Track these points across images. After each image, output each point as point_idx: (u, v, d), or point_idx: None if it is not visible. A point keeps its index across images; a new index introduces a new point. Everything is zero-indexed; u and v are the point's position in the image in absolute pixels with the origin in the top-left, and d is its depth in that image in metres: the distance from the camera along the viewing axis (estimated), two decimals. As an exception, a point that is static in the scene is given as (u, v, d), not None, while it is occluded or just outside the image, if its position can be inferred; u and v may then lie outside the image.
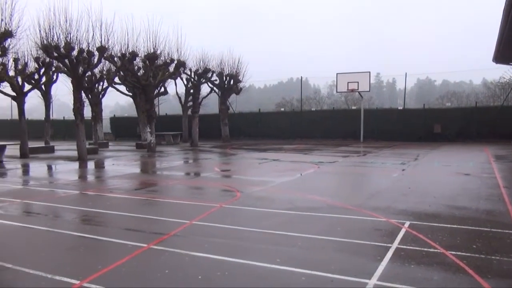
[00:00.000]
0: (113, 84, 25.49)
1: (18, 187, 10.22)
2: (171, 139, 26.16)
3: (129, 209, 7.23)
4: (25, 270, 4.16)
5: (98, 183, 11.01)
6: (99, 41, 15.85)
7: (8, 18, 12.90)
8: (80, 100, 16.37)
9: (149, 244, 4.98)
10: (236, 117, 29.07)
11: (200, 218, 6.28)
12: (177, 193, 9.17)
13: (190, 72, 25.16)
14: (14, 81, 17.63)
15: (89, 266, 4.28)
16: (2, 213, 7.07)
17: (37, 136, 25.24)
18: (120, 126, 33.54)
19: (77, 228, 5.98)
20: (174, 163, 15.17)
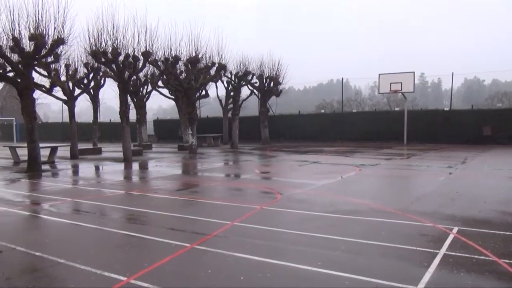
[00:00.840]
0: (157, 88, 26.25)
1: (69, 186, 10.74)
2: (212, 141, 26.56)
3: (172, 209, 7.41)
4: (76, 266, 4.36)
5: (142, 184, 11.36)
6: (144, 46, 16.38)
7: (60, 26, 13.58)
8: (126, 103, 16.97)
9: (192, 244, 5.08)
10: (276, 119, 29.06)
11: (241, 220, 6.33)
12: (218, 194, 9.30)
13: (231, 75, 25.45)
14: (65, 85, 18.57)
15: (135, 264, 4.43)
16: (54, 211, 7.46)
17: (85, 138, 26.45)
18: (163, 128, 34.44)
19: (124, 227, 6.19)
20: (215, 164, 15.39)
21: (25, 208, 7.78)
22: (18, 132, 36.35)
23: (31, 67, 14.14)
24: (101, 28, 15.23)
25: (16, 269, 4.40)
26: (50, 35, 13.35)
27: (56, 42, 13.61)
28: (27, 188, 10.46)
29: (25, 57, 13.50)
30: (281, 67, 26.95)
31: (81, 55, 18.22)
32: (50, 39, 13.40)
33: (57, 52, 15.00)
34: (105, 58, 15.64)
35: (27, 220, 7.01)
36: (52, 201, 8.31)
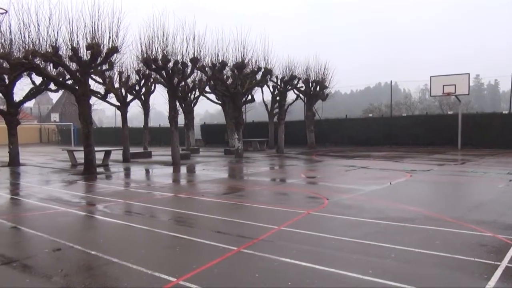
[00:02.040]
0: (204, 93, 26.81)
1: (121, 188, 11.18)
2: (257, 145, 26.69)
3: (219, 212, 7.49)
4: (128, 265, 4.52)
5: (190, 187, 11.60)
6: (192, 52, 16.79)
7: (114, 36, 14.25)
8: (174, 108, 17.47)
9: (239, 247, 5.10)
10: (322, 124, 28.71)
11: (288, 224, 6.29)
12: (264, 198, 9.30)
13: (277, 80, 25.49)
14: (118, 92, 19.43)
15: (184, 265, 4.51)
16: (108, 212, 7.79)
17: (136, 142, 27.43)
18: (210, 132, 35.06)
19: (173, 229, 6.34)
20: (260, 169, 15.43)
21: (81, 209, 8.18)
22: (76, 136, 38.43)
23: (87, 75, 14.93)
24: (152, 36, 15.82)
25: (73, 266, 4.62)
26: (105, 44, 14.04)
27: (110, 51, 14.28)
28: (83, 190, 11.01)
29: (82, 66, 14.29)
30: (327, 70, 26.64)
31: (133, 62, 19.00)
32: (105, 48, 14.08)
33: (111, 60, 15.75)
34: (156, 65, 16.19)
35: (84, 220, 7.37)
36: (106, 203, 8.69)
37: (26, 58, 13.66)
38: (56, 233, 6.07)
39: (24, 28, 13.53)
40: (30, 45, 13.43)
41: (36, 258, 4.97)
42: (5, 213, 7.90)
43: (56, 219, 7.34)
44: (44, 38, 13.40)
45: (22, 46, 13.94)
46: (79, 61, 14.15)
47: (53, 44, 13.47)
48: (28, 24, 13.44)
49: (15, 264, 4.69)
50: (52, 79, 16.33)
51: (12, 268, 4.58)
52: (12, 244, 5.74)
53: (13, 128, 18.54)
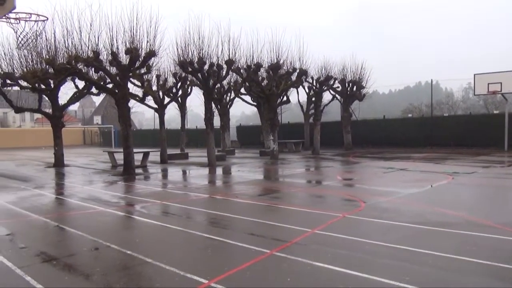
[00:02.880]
0: (240, 95, 26.95)
1: (158, 189, 11.41)
2: (293, 146, 26.52)
3: (253, 214, 7.47)
4: (161, 266, 4.58)
5: (225, 188, 11.67)
6: (227, 54, 16.91)
7: (152, 40, 14.61)
8: (210, 110, 17.66)
9: (271, 250, 5.05)
10: (359, 124, 28.15)
11: (322, 227, 6.17)
12: (299, 200, 9.20)
13: (312, 80, 25.24)
14: (156, 95, 19.89)
15: (216, 267, 4.52)
16: (145, 212, 7.96)
17: (174, 144, 27.96)
18: (245, 134, 35.22)
19: (206, 230, 6.38)
20: (296, 170, 15.31)
21: (119, 209, 8.41)
22: (116, 138, 39.72)
23: (127, 79, 15.38)
24: (188, 40, 16.07)
25: (109, 265, 4.74)
26: (143, 48, 14.41)
27: (148, 55, 14.64)
28: (122, 190, 11.33)
29: (121, 70, 14.72)
30: (364, 70, 26.09)
31: (170, 65, 19.38)
32: (143, 52, 14.45)
33: (149, 64, 16.13)
34: (192, 67, 16.44)
35: (121, 220, 7.56)
36: (143, 203, 8.89)
37: (69, 64, 14.25)
38: (94, 232, 6.26)
39: (67, 35, 14.13)
40: (73, 51, 13.99)
41: (75, 257, 5.14)
42: (50, 212, 8.25)
43: (95, 218, 7.59)
44: (86, 44, 13.93)
45: (65, 52, 14.55)
46: (119, 65, 14.59)
47: (94, 49, 13.97)
48: (71, 31, 14.02)
49: (55, 262, 4.87)
50: (93, 83, 16.95)
51: (52, 266, 4.76)
52: (54, 243, 5.97)
53: (58, 131, 19.40)
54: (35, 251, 5.38)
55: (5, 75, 17.71)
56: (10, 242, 5.91)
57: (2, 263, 4.85)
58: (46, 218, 7.54)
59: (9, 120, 64.61)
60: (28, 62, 17.59)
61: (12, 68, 17.77)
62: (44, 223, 7.18)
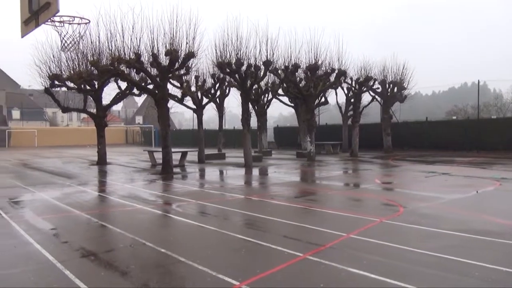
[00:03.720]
0: (277, 96, 26.89)
1: (195, 189, 11.56)
2: (330, 148, 26.14)
3: (288, 216, 7.38)
4: (194, 265, 4.60)
5: (261, 189, 11.65)
6: (265, 55, 16.90)
7: (191, 42, 14.84)
8: (247, 111, 17.72)
9: (305, 254, 4.96)
10: (399, 127, 27.31)
11: (358, 232, 6.00)
12: (335, 203, 9.02)
13: (351, 81, 24.77)
14: (195, 95, 20.20)
15: (248, 269, 4.49)
16: (180, 211, 8.07)
17: (211, 144, 28.33)
18: (282, 135, 35.08)
19: (240, 231, 6.36)
20: (333, 172, 15.05)
21: (156, 207, 8.58)
22: (156, 137, 40.74)
23: (166, 80, 15.72)
24: (226, 41, 16.20)
25: (143, 263, 4.82)
26: (182, 49, 14.66)
27: (187, 56, 14.88)
28: (160, 189, 11.57)
29: (161, 71, 15.06)
30: (406, 71, 25.27)
31: (208, 67, 19.61)
32: (183, 53, 14.70)
33: (188, 65, 16.40)
34: (230, 68, 16.56)
35: (158, 218, 7.71)
36: (180, 202, 9.02)
37: (112, 65, 14.74)
38: (131, 229, 6.41)
39: (111, 37, 14.62)
40: (116, 53, 14.45)
41: (112, 253, 5.27)
42: (91, 209, 8.56)
43: (133, 216, 7.78)
44: (128, 46, 14.36)
45: (108, 54, 15.06)
46: (159, 66, 14.93)
47: (135, 51, 14.37)
48: (114, 33, 14.49)
49: (93, 258, 5.02)
50: (135, 84, 17.44)
51: (90, 261, 4.91)
52: (93, 238, 6.16)
53: (101, 130, 20.14)
54: (75, 246, 5.57)
55: (54, 76, 18.58)
56: (53, 237, 6.16)
57: (44, 257, 5.05)
58: (87, 214, 7.81)
59: (57, 120, 67.88)
60: (74, 64, 18.37)
61: (60, 70, 18.63)
62: (86, 219, 7.44)
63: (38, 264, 4.81)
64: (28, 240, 5.87)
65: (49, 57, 18.42)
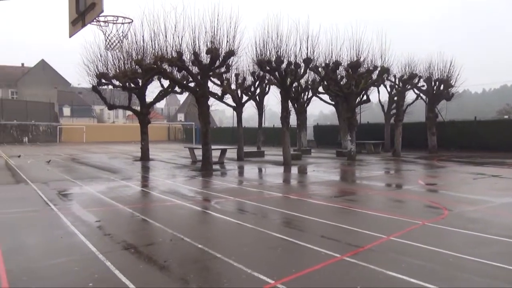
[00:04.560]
0: (317, 94, 26.58)
1: (233, 186, 11.64)
2: (371, 147, 25.52)
3: (326, 216, 7.27)
4: (230, 262, 4.62)
5: (299, 188, 11.56)
6: (305, 53, 16.73)
7: (231, 40, 14.96)
8: (287, 109, 17.64)
9: (342, 255, 4.86)
10: (445, 126, 26.19)
11: (399, 234, 5.80)
12: (375, 204, 8.78)
13: (394, 79, 24.03)
14: (234, 93, 20.36)
15: (284, 268, 4.45)
16: (218, 208, 8.15)
17: (251, 141, 28.48)
18: (322, 134, 34.66)
19: (277, 229, 6.33)
20: (374, 172, 14.68)
21: (195, 203, 8.72)
22: (197, 135, 41.48)
23: (207, 78, 15.93)
24: (266, 39, 16.20)
25: (180, 258, 4.90)
26: (223, 48, 14.80)
27: (227, 54, 15.01)
28: (199, 185, 11.74)
29: (202, 69, 15.28)
30: (454, 68, 24.18)
31: (248, 64, 19.67)
32: (223, 51, 14.85)
33: (228, 63, 16.53)
34: (269, 66, 16.54)
35: (196, 214, 7.83)
36: (218, 199, 9.12)
37: (155, 64, 15.13)
38: (170, 224, 6.55)
39: (154, 37, 15.02)
40: (159, 51, 14.82)
41: (151, 247, 5.40)
42: (134, 203, 8.83)
43: (173, 211, 7.95)
44: (170, 45, 14.68)
45: (152, 52, 15.47)
46: (200, 64, 15.16)
47: (177, 50, 14.66)
48: (158, 32, 14.87)
49: (133, 250, 5.16)
50: (176, 82, 17.82)
51: (130, 253, 5.06)
52: (134, 231, 6.35)
53: (144, 127, 20.75)
54: (117, 238, 5.76)
55: (101, 75, 19.33)
56: (97, 229, 6.40)
57: (88, 248, 5.26)
58: (130, 208, 8.07)
59: (104, 116, 70.72)
60: (120, 63, 19.02)
61: (106, 69, 19.36)
62: (128, 213, 7.69)
63: (82, 254, 5.02)
64: (73, 231, 6.14)
65: (96, 56, 19.20)
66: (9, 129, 44.67)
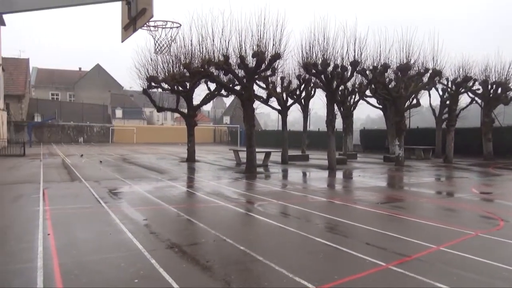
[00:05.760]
0: (364, 97, 25.98)
1: (277, 189, 11.61)
2: (421, 153, 24.54)
3: (371, 222, 7.06)
4: (271, 265, 4.60)
5: (344, 193, 11.33)
6: (352, 55, 16.41)
7: (277, 43, 14.97)
8: (332, 112, 17.38)
9: (388, 263, 4.69)
10: (503, 132, 24.66)
11: (449, 245, 5.52)
12: (424, 212, 8.42)
13: (447, 82, 22.99)
14: (280, 96, 20.35)
15: (325, 274, 4.36)
16: (261, 210, 8.16)
17: (295, 145, 28.32)
18: (369, 138, 33.83)
19: (320, 234, 6.23)
20: (423, 179, 14.10)
21: (238, 205, 8.78)
22: (242, 137, 41.88)
23: (252, 81, 16.04)
24: (312, 41, 16.05)
25: (222, 259, 4.94)
26: (269, 51, 14.84)
27: (273, 57, 15.03)
28: (243, 187, 11.83)
29: (248, 72, 15.41)
30: (513, 70, 22.73)
31: (294, 68, 19.61)
32: (269, 54, 14.89)
33: (274, 66, 16.56)
34: (315, 69, 16.38)
35: (239, 216, 7.87)
36: (261, 201, 9.13)
37: (202, 67, 15.46)
38: (214, 225, 6.63)
39: (202, 40, 15.35)
40: (206, 55, 15.13)
41: (195, 246, 5.50)
42: (179, 203, 9.04)
43: (216, 212, 8.05)
44: (217, 49, 14.94)
45: (199, 56, 15.81)
46: (246, 68, 15.29)
47: (224, 53, 14.89)
48: (205, 37, 15.19)
49: (177, 249, 5.28)
50: (223, 85, 18.10)
51: (174, 252, 5.17)
52: (179, 231, 6.50)
53: (191, 129, 21.24)
54: (162, 237, 5.91)
55: (151, 78, 20.01)
56: (144, 227, 6.61)
57: (135, 245, 5.44)
58: (175, 208, 8.27)
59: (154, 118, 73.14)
60: (168, 67, 19.61)
61: (156, 72, 20.02)
62: (173, 213, 7.88)
63: (129, 251, 5.20)
64: (122, 229, 6.38)
65: (147, 60, 19.90)
66: (67, 129, 47.41)
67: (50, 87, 63.43)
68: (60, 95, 63.01)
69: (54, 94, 63.25)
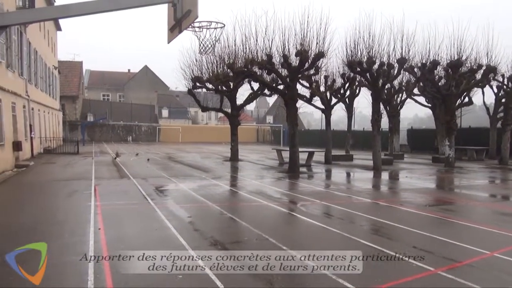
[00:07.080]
0: (412, 96, 25.10)
1: (320, 189, 11.48)
2: (473, 154, 23.33)
3: (419, 225, 6.79)
4: (314, 266, 4.53)
5: (389, 194, 11.01)
6: (400, 52, 15.89)
7: (321, 41, 14.78)
8: (378, 111, 16.92)
9: (436, 268, 4.49)
10: None
11: (504, 251, 5.21)
12: (477, 216, 8.01)
13: (502, 78, 21.71)
14: (323, 95, 20.09)
15: (369, 277, 4.25)
16: (304, 210, 8.10)
17: (339, 145, 27.86)
18: (417, 138, 32.62)
19: (364, 236, 6.07)
20: (475, 181, 13.40)
21: (281, 204, 8.76)
22: (285, 137, 41.77)
23: (296, 80, 15.95)
24: (357, 39, 15.68)
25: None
26: (312, 50, 14.69)
27: (317, 56, 14.86)
28: (285, 187, 11.79)
29: (291, 71, 15.33)
30: None
31: (338, 66, 19.26)
32: (312, 53, 14.74)
33: (317, 65, 16.38)
34: (360, 67, 16.02)
35: (281, 215, 7.86)
36: (304, 201, 9.06)
37: (246, 67, 15.57)
38: (256, 224, 6.65)
39: (245, 40, 15.47)
40: (249, 55, 15.22)
41: (237, 244, 5.55)
42: (222, 201, 9.18)
43: (259, 211, 8.09)
44: (260, 48, 15.00)
45: (243, 56, 15.94)
46: (289, 67, 15.22)
47: (267, 53, 14.91)
48: (249, 36, 15.30)
49: (220, 247, 5.35)
50: (266, 84, 18.13)
51: (217, 250, 5.24)
52: (222, 229, 6.58)
53: (234, 128, 21.46)
54: (206, 234, 6.02)
55: (196, 78, 20.43)
56: (188, 224, 6.76)
57: (179, 242, 5.57)
58: (218, 206, 8.39)
59: (198, 118, 74.67)
60: (213, 67, 19.93)
61: (200, 72, 20.41)
62: (216, 211, 8.00)
63: (173, 247, 5.32)
64: (167, 225, 6.55)
65: (192, 61, 20.34)
66: (116, 129, 49.48)
67: (101, 88, 66.47)
68: (110, 95, 65.87)
69: (105, 95, 66.21)
